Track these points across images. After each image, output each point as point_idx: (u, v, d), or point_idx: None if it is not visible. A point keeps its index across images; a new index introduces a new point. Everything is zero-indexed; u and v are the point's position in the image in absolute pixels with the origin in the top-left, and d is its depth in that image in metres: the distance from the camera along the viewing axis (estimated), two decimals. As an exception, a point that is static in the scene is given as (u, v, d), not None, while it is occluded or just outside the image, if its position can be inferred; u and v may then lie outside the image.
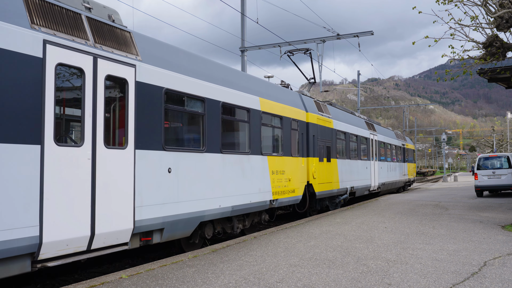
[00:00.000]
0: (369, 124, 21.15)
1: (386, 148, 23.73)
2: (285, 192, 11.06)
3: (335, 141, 15.23)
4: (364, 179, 18.58)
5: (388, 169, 23.85)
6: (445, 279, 5.52)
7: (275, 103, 10.98)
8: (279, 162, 10.86)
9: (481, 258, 6.72)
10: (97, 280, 5.64)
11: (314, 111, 13.60)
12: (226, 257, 7.02)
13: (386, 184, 23.01)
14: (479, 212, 13.34)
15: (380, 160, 22.11)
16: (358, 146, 18.10)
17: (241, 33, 20.62)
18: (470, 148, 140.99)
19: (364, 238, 8.71)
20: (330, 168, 14.42)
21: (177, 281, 5.54)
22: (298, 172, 11.92)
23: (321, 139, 13.80)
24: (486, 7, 10.37)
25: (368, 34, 22.03)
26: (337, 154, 15.36)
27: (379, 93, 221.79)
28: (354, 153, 17.60)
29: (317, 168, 13.20)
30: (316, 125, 13.46)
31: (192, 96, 7.84)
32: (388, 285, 5.25)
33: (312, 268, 6.19)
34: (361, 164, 18.35)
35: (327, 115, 14.64)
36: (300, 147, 12.26)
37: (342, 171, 15.63)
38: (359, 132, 18.42)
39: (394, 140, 26.26)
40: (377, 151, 21.36)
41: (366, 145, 19.52)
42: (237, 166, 9.03)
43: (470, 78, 12.01)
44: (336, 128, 15.37)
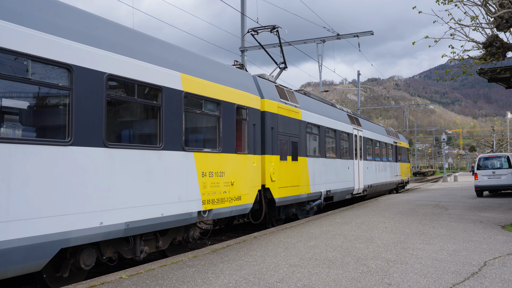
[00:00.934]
0: (353, 118, 18.38)
1: (374, 145, 21.07)
2: (226, 199, 8.61)
3: (305, 136, 12.62)
4: (345, 181, 16.00)
5: (376, 170, 21.20)
6: (445, 279, 5.52)
7: (209, 83, 8.31)
8: (216, 160, 8.33)
9: (481, 258, 6.72)
10: (97, 280, 5.65)
11: (274, 97, 11.06)
12: (226, 257, 7.02)
13: (374, 186, 20.50)
14: (479, 212, 13.34)
15: (367, 159, 19.54)
16: (337, 142, 15.50)
17: (241, 33, 20.63)
18: (470, 148, 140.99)
19: (364, 238, 8.71)
20: (296, 169, 11.92)
21: (177, 281, 5.54)
22: (246, 174, 9.40)
23: (284, 133, 11.27)
24: (486, 7, 10.37)
25: (368, 34, 22.06)
26: (308, 152, 12.84)
27: (379, 93, 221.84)
28: (331, 151, 15.12)
29: (277, 168, 10.78)
30: (277, 115, 10.91)
31: (43, 60, 5.24)
32: (388, 285, 5.25)
33: (312, 268, 6.20)
34: (341, 163, 15.73)
35: (293, 103, 12.01)
36: (251, 142, 9.67)
37: (315, 172, 13.16)
38: (338, 126, 15.70)
39: (384, 137, 23.54)
40: (363, 149, 18.77)
41: (348, 142, 16.85)
42: (137, 166, 6.44)
43: (470, 78, 12.02)
44: (305, 120, 12.69)
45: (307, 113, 12.95)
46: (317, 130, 13.80)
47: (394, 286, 5.24)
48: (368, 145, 19.96)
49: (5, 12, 4.89)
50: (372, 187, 20.07)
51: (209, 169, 8.14)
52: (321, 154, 13.94)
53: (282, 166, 11.10)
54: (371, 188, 20.03)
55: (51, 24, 5.42)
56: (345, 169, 16.15)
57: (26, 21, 5.09)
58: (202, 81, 8.17)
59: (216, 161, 8.40)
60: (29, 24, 5.11)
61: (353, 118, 18.39)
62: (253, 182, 9.75)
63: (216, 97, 8.48)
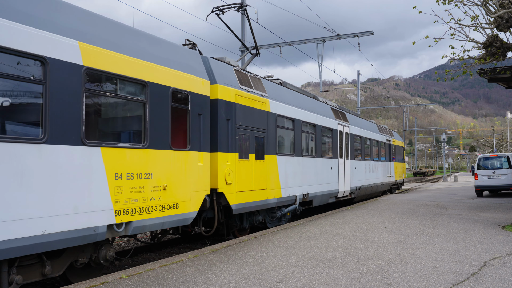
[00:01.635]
0: (338, 113, 16.37)
1: (364, 143, 19.14)
2: (154, 208, 6.79)
3: (274, 131, 10.76)
4: (327, 183, 14.20)
5: (366, 170, 19.29)
6: (445, 279, 5.52)
7: (130, 59, 6.52)
8: (138, 159, 6.56)
9: (481, 258, 6.72)
10: (97, 280, 5.65)
11: (232, 83, 9.24)
12: (226, 257, 7.02)
13: (363, 188, 18.63)
14: (479, 212, 13.34)
15: (355, 158, 17.70)
16: (317, 139, 13.62)
17: (241, 33, 20.62)
18: (470, 148, 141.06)
19: (364, 238, 8.71)
20: (262, 169, 10.14)
21: (177, 281, 5.54)
22: (188, 176, 7.60)
23: (246, 127, 9.51)
24: (486, 7, 10.38)
25: (368, 34, 22.07)
26: (278, 150, 11.03)
27: (379, 93, 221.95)
28: (310, 149, 13.21)
29: (235, 169, 9.02)
30: (234, 104, 9.11)
31: None
32: (388, 285, 5.25)
33: (312, 268, 6.20)
34: (322, 163, 13.87)
35: (258, 92, 10.20)
36: (196, 136, 7.92)
37: (287, 173, 11.40)
38: (319, 120, 13.82)
39: (375, 135, 21.62)
40: (350, 147, 16.88)
41: (331, 139, 14.99)
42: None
43: (470, 78, 12.02)
44: (275, 113, 10.84)
45: (277, 104, 11.01)
46: (291, 124, 11.85)
47: (394, 286, 5.24)
48: (357, 142, 18.11)
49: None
50: (361, 189, 18.31)
51: (128, 169, 6.31)
52: (296, 152, 12.06)
53: (242, 166, 9.27)
54: (360, 190, 18.24)
55: None
56: (327, 170, 14.33)
57: None
58: (118, 55, 6.31)
59: (139, 160, 6.57)
60: None
61: (338, 112, 16.40)
62: (198, 185, 7.86)
63: (140, 77, 6.64)
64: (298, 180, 12.02)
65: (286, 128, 11.65)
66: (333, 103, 17.05)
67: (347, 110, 19.06)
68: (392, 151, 25.10)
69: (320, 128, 13.93)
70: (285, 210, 11.37)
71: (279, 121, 11.20)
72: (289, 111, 11.74)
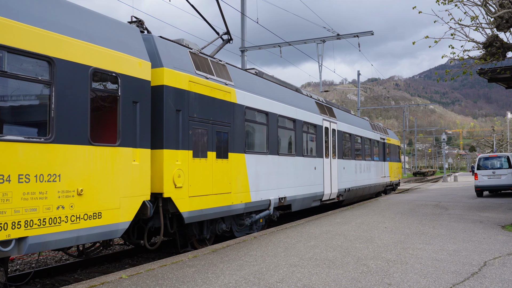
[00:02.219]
0: (324, 107, 14.85)
1: (354, 141, 17.70)
2: (64, 219, 5.41)
3: (242, 126, 9.40)
4: (309, 185, 12.75)
5: (357, 170, 17.85)
6: (445, 279, 5.52)
7: (23, 27, 5.09)
8: (37, 155, 5.18)
9: (481, 258, 6.72)
10: (97, 280, 5.65)
11: (186, 68, 7.77)
12: (226, 257, 7.02)
13: (353, 190, 17.17)
14: (479, 212, 13.34)
15: (344, 157, 16.21)
16: (297, 136, 12.15)
17: (241, 33, 20.64)
18: (470, 148, 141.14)
19: (364, 238, 8.71)
20: (226, 170, 8.70)
21: (177, 281, 5.54)
22: (115, 177, 6.23)
23: (203, 120, 8.05)
24: (486, 7, 10.38)
25: (368, 34, 22.07)
26: (247, 147, 9.62)
27: (379, 93, 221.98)
28: (288, 147, 11.76)
29: (187, 169, 7.54)
30: (187, 92, 7.65)
31: None
32: (388, 285, 5.25)
33: (312, 268, 6.20)
34: (303, 163, 12.42)
35: (221, 80, 8.80)
36: (129, 129, 6.51)
37: (259, 174, 9.98)
38: (300, 115, 12.36)
39: (368, 132, 20.14)
40: (337, 145, 15.43)
41: (315, 136, 13.50)
42: None
43: (470, 78, 12.02)
44: (243, 104, 9.45)
45: (246, 95, 9.57)
46: (264, 119, 10.42)
47: (394, 286, 5.24)
48: (346, 140, 16.66)
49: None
50: (350, 191, 16.76)
51: (21, 169, 4.95)
52: (271, 150, 10.59)
53: (197, 167, 7.82)
54: (350, 193, 16.72)
55: None
56: (309, 170, 12.85)
57: None
58: (4, 21, 4.86)
59: (41, 157, 5.19)
60: None
61: (324, 107, 14.85)
62: (132, 189, 6.47)
63: (42, 52, 5.26)
64: (273, 182, 10.53)
65: (258, 122, 10.15)
66: (320, 98, 15.46)
67: (336, 105, 17.44)
68: (387, 150, 23.71)
69: (301, 124, 12.42)
70: (256, 216, 9.94)
71: (249, 114, 9.76)
72: (261, 103, 10.23)
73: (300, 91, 13.74)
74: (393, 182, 25.42)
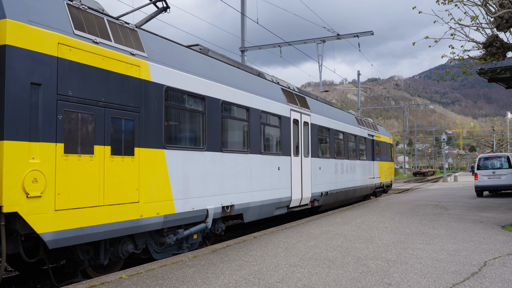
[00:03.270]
0: (294, 96, 12.50)
1: (334, 137, 15.44)
2: None
3: (160, 112, 7.06)
4: (270, 189, 10.49)
5: (338, 171, 15.61)
6: (445, 279, 5.52)
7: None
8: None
9: (481, 258, 6.72)
10: (97, 280, 5.65)
11: (57, 25, 5.64)
12: (226, 257, 7.02)
13: (333, 194, 14.92)
14: (479, 212, 13.34)
15: (320, 156, 13.98)
16: (252, 128, 9.87)
17: (241, 33, 20.65)
18: (470, 148, 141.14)
19: (364, 238, 8.71)
20: (130, 171, 6.47)
21: (177, 281, 5.54)
22: None
23: (86, 101, 5.90)
24: (486, 7, 10.38)
25: (368, 34, 22.08)
26: (170, 141, 7.37)
27: (379, 93, 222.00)
28: (237, 142, 9.55)
29: (53, 170, 5.39)
30: (57, 60, 5.55)
31: None
32: (388, 285, 5.26)
33: (312, 268, 6.20)
34: (261, 161, 10.15)
35: (124, 48, 6.59)
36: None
37: (189, 175, 7.66)
38: (256, 103, 10.06)
39: (353, 128, 17.78)
40: (311, 141, 13.22)
41: (279, 129, 11.20)
42: None
43: (470, 78, 12.03)
44: (160, 83, 7.12)
45: (167, 72, 7.24)
46: (198, 104, 8.06)
47: (394, 286, 5.24)
48: (323, 136, 14.40)
49: None
50: (329, 195, 14.58)
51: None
52: (210, 146, 8.27)
53: (73, 166, 5.64)
54: (328, 197, 14.53)
55: None
56: (271, 171, 10.57)
57: None
58: None
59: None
60: None
61: (294, 95, 12.47)
62: None
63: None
64: (212, 187, 8.25)
65: (190, 109, 7.85)
66: (291, 84, 13.14)
67: (313, 95, 15.12)
68: (376, 148, 21.54)
69: (258, 114, 10.14)
70: (185, 232, 7.66)
71: (173, 97, 7.46)
72: (194, 84, 7.91)
73: (263, 75, 11.49)
74: (383, 184, 23.05)
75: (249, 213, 9.64)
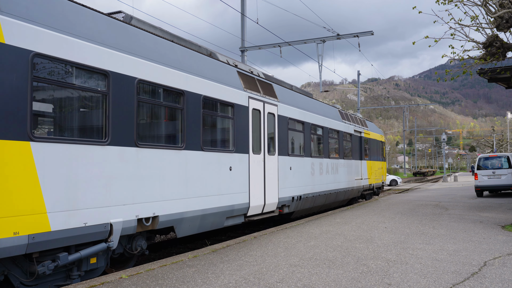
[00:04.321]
0: (255, 81, 10.45)
1: (309, 132, 13.15)
2: None
3: (19, 89, 4.95)
4: (218, 194, 8.51)
5: (315, 171, 13.47)
6: (445, 279, 5.52)
7: None
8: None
9: (481, 258, 6.72)
10: (97, 280, 5.65)
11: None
12: (226, 257, 7.02)
13: (308, 199, 12.79)
14: (479, 212, 13.34)
15: (291, 154, 11.83)
16: (188, 118, 7.74)
17: (241, 33, 20.65)
18: (470, 148, 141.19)
19: (364, 238, 8.72)
20: None
21: (177, 281, 5.54)
22: None
23: None
24: (486, 7, 10.38)
25: (368, 34, 22.08)
26: (41, 129, 5.72)
27: (379, 93, 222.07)
28: (167, 134, 7.65)
29: None
30: None
31: None
32: (388, 285, 5.26)
33: (312, 268, 6.20)
34: (203, 160, 8.13)
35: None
36: None
37: (78, 179, 5.67)
38: (192, 85, 7.91)
39: (335, 122, 15.60)
40: (278, 136, 11.05)
41: (233, 121, 9.15)
42: None
43: (470, 78, 12.03)
44: (20, 47, 4.99)
45: (34, 32, 5.21)
46: (96, 82, 6.06)
47: (394, 286, 5.24)
48: (295, 130, 12.22)
49: None
50: (303, 200, 12.48)
51: None
52: (118, 139, 6.30)
53: None
54: (303, 202, 12.45)
55: None
56: (219, 172, 8.54)
57: None
58: None
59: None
60: None
61: (254, 81, 10.42)
62: None
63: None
64: (120, 193, 6.27)
65: (79, 87, 5.80)
66: (257, 70, 11.34)
67: (286, 84, 13.15)
68: (365, 146, 19.41)
69: (199, 100, 7.98)
70: (71, 257, 5.63)
71: (45, 68, 5.36)
72: (89, 54, 5.90)
73: (215, 55, 9.45)
74: (374, 185, 20.77)
75: (184, 226, 7.58)
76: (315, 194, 13.45)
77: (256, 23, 19.17)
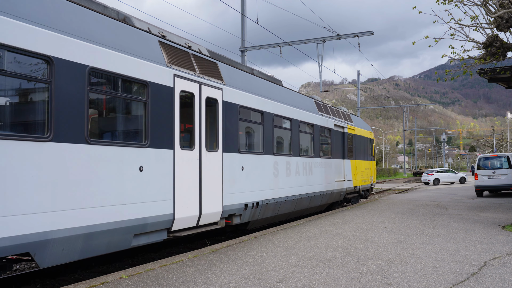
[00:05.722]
0: (189, 56, 8.18)
1: (271, 124, 10.79)
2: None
3: None
4: (116, 204, 6.14)
5: (279, 172, 11.10)
6: (445, 279, 5.52)
7: None
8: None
9: (481, 258, 6.72)
10: (97, 280, 5.65)
11: None
12: (226, 257, 7.02)
13: (269, 205, 10.57)
14: (479, 212, 13.35)
15: (245, 150, 9.78)
16: (60, 98, 5.37)
17: (241, 33, 20.65)
18: (470, 148, 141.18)
19: (364, 238, 8.72)
20: None
21: (177, 281, 5.54)
22: None
23: None
24: (486, 7, 10.38)
25: (368, 34, 22.09)
26: None
27: (379, 93, 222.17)
28: (14, 121, 5.29)
29: None
30: None
31: None
32: (388, 285, 5.26)
33: (312, 268, 6.20)
34: (90, 158, 5.76)
35: None
36: None
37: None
38: (69, 52, 5.51)
39: (308, 115, 13.30)
40: (224, 127, 8.84)
41: (146, 104, 6.79)
42: None
43: (470, 78, 12.03)
44: None
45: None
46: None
47: (394, 286, 5.24)
48: (250, 122, 10.12)
49: None
50: (263, 207, 10.29)
51: None
52: None
53: None
54: (262, 209, 10.29)
55: None
56: (119, 173, 6.24)
57: None
58: None
59: None
60: None
61: (188, 55, 8.17)
62: None
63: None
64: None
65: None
66: (205, 49, 9.41)
67: (241, 65, 11.08)
68: (349, 144, 16.98)
69: (82, 73, 5.72)
70: None
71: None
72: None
73: (130, 20, 7.32)
74: (360, 188, 18.30)
75: (53, 251, 5.31)
76: (280, 200, 11.12)
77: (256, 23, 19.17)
